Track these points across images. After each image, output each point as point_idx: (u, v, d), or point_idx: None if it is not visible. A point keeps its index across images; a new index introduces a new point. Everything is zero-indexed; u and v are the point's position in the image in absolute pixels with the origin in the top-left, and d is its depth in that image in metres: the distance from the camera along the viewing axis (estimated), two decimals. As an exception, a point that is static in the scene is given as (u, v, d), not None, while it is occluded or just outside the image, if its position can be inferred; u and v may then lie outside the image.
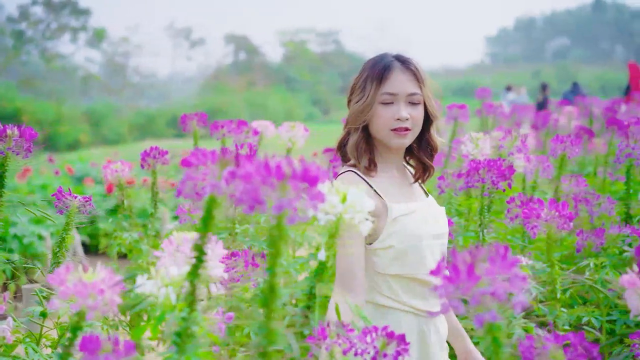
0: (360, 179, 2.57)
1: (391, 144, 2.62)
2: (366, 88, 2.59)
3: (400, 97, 2.57)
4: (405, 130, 2.58)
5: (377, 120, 2.59)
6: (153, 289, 1.71)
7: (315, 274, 1.88)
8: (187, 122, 4.25)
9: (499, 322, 1.43)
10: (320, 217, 1.81)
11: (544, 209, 2.16)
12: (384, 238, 2.52)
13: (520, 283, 1.40)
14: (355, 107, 2.60)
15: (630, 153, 3.73)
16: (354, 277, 2.46)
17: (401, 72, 2.60)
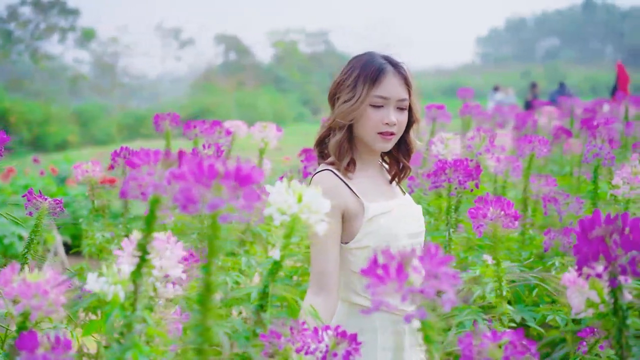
0: (337, 178, 2.59)
1: (375, 147, 2.64)
2: (357, 88, 2.60)
3: (391, 102, 2.60)
4: (391, 135, 2.61)
5: (365, 122, 2.60)
6: (103, 287, 1.73)
7: (269, 273, 1.89)
8: (159, 123, 4.26)
9: (431, 320, 1.46)
10: (275, 217, 1.83)
11: (489, 209, 2.18)
12: (361, 237, 2.55)
13: (450, 281, 1.42)
14: (345, 106, 2.61)
15: (598, 153, 3.76)
16: (328, 276, 2.49)
17: (394, 77, 2.62)
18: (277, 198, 1.81)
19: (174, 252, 1.89)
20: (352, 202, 2.57)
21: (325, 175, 2.60)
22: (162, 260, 1.88)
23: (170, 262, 1.90)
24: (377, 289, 1.41)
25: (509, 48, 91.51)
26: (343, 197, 2.56)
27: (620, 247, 1.60)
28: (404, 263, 1.42)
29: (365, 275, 1.43)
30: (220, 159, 1.51)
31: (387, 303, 1.41)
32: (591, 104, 9.23)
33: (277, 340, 1.86)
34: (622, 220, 1.62)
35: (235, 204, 1.43)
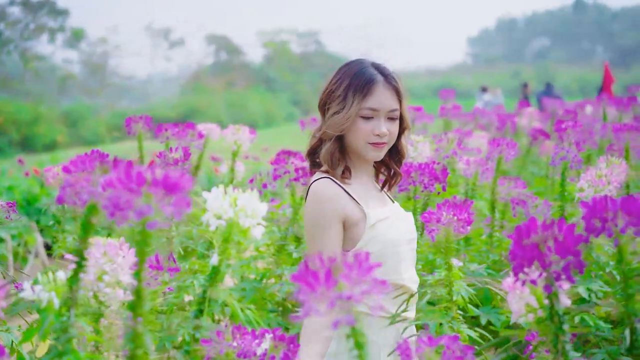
0: (337, 185, 2.58)
1: (367, 157, 2.64)
2: (347, 99, 2.58)
3: (382, 113, 2.58)
4: (382, 144, 2.61)
5: (355, 133, 2.59)
6: (39, 293, 1.73)
7: (209, 278, 1.90)
8: (131, 125, 4.26)
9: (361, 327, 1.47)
10: (211, 222, 1.84)
11: (443, 213, 2.19)
12: (363, 244, 2.54)
13: (378, 287, 1.43)
14: (335, 118, 2.59)
15: (565, 156, 3.78)
16: None
17: (384, 88, 2.60)
18: (213, 203, 1.81)
19: (126, 258, 1.90)
20: (353, 209, 2.56)
21: (325, 183, 2.59)
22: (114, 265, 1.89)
23: (122, 268, 1.90)
24: (307, 296, 1.42)
25: (500, 48, 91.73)
26: (344, 204, 2.55)
27: (555, 253, 1.61)
28: (333, 270, 1.42)
29: (295, 282, 1.44)
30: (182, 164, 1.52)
31: (316, 310, 1.41)
32: (573, 106, 9.26)
33: (218, 345, 1.88)
34: (557, 227, 1.63)
35: (164, 211, 1.43)
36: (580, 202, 1.69)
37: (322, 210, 2.51)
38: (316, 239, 2.52)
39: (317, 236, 2.51)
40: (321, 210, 2.51)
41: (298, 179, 3.60)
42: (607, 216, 1.66)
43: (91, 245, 1.69)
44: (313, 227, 2.53)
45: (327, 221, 2.50)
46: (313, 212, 2.54)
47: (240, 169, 4.65)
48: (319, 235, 2.51)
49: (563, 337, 1.68)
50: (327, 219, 2.50)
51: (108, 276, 1.89)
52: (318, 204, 2.53)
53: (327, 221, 2.50)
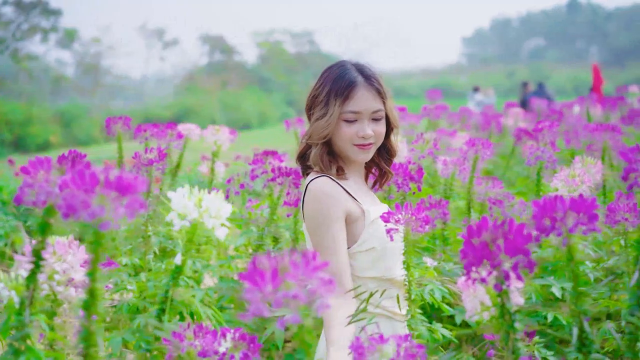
0: (336, 183, 2.59)
1: (355, 159, 2.65)
2: (329, 104, 2.59)
3: (365, 115, 2.59)
4: (369, 145, 2.62)
5: (340, 137, 2.60)
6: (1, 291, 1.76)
7: (172, 277, 1.92)
8: (111, 126, 4.27)
9: (307, 324, 1.49)
10: (175, 222, 1.86)
11: (402, 213, 2.21)
12: (364, 241, 2.56)
13: (324, 287, 1.46)
14: (318, 124, 2.60)
15: (540, 156, 3.81)
16: (344, 277, 2.49)
17: (365, 89, 2.60)
18: (177, 203, 1.83)
19: (77, 256, 1.92)
20: (352, 206, 2.58)
21: (324, 181, 2.59)
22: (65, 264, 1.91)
23: (74, 267, 1.92)
24: (254, 295, 1.44)
25: (495, 48, 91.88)
26: (344, 201, 2.56)
27: (504, 252, 1.63)
28: (280, 269, 1.45)
29: (242, 281, 1.46)
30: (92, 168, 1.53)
31: (262, 309, 1.43)
32: (560, 106, 9.29)
33: (180, 344, 1.90)
34: (508, 226, 1.66)
35: (117, 212, 1.45)
36: (532, 202, 1.72)
37: (326, 208, 2.51)
38: (324, 237, 2.50)
39: (325, 234, 2.50)
40: (325, 207, 2.51)
41: (275, 179, 3.62)
42: (556, 216, 1.68)
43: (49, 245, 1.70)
44: (319, 225, 2.52)
45: (333, 218, 2.50)
46: (317, 210, 2.53)
47: (221, 170, 4.67)
48: (325, 233, 2.50)
49: (514, 334, 1.70)
50: (332, 216, 2.50)
51: (59, 275, 1.91)
52: (321, 202, 2.53)
53: (333, 218, 2.50)
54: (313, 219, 2.55)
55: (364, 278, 2.57)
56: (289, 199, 3.50)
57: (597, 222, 1.67)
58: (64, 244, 1.95)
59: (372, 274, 2.56)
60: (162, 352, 1.88)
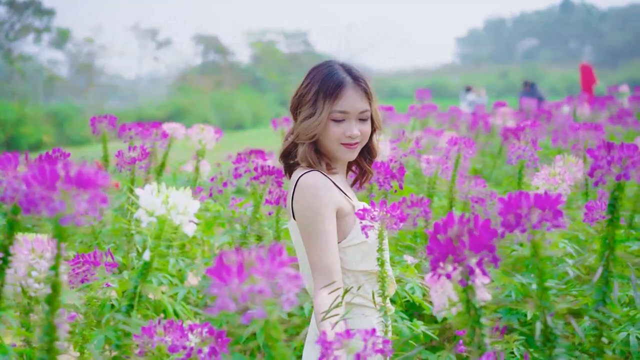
0: (327, 178, 2.62)
1: (342, 158, 2.69)
2: (317, 103, 2.61)
3: (352, 115, 2.62)
4: (355, 144, 2.65)
5: (328, 136, 2.63)
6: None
7: (140, 274, 1.93)
8: (96, 125, 4.28)
9: (274, 320, 1.51)
10: (143, 219, 1.88)
11: (377, 210, 2.23)
12: (355, 235, 2.58)
13: (290, 282, 1.47)
14: (306, 123, 2.62)
15: (521, 155, 3.83)
16: (336, 270, 2.51)
17: (353, 90, 2.63)
18: (145, 200, 1.85)
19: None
20: (343, 201, 2.61)
21: (316, 175, 2.62)
22: (43, 261, 1.93)
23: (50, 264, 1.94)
24: (220, 289, 1.46)
25: (489, 48, 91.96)
26: (337, 196, 2.60)
27: (469, 248, 1.65)
28: (246, 264, 1.46)
29: (209, 276, 1.47)
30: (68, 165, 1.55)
31: (229, 303, 1.45)
32: (548, 106, 9.33)
33: (150, 339, 1.92)
34: (474, 222, 1.68)
35: (77, 207, 1.46)
36: (498, 198, 1.74)
37: (318, 202, 2.53)
38: (316, 230, 2.52)
39: (317, 227, 2.52)
40: (318, 201, 2.52)
41: (257, 178, 3.63)
42: (521, 212, 1.70)
43: (18, 241, 1.72)
44: (311, 219, 2.53)
45: (327, 211, 2.52)
46: (309, 204, 2.55)
47: (206, 169, 4.68)
48: (320, 226, 2.51)
49: (480, 329, 1.72)
50: (327, 210, 2.52)
51: (36, 272, 1.92)
52: (314, 196, 2.55)
53: (327, 211, 2.52)
54: (305, 213, 2.56)
55: (354, 271, 2.60)
56: (270, 197, 3.52)
57: (562, 218, 1.69)
58: (42, 241, 1.96)
59: (362, 268, 2.60)
60: (132, 347, 1.89)
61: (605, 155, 1.83)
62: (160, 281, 3.52)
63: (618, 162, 1.81)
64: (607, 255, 1.83)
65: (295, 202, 2.61)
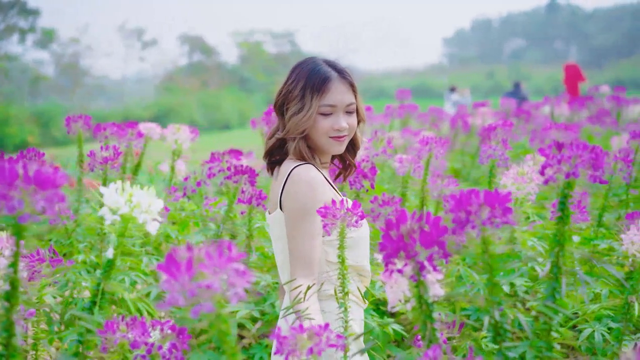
0: (319, 172, 2.65)
1: (331, 151, 2.72)
2: (305, 98, 2.65)
3: (339, 108, 2.67)
4: (343, 137, 2.70)
5: (317, 130, 2.67)
6: None
7: (103, 271, 1.96)
8: (70, 125, 4.29)
9: (223, 314, 1.54)
10: (107, 217, 1.91)
11: (340, 209, 2.27)
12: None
13: (239, 277, 1.50)
14: (296, 119, 2.66)
15: (492, 154, 3.87)
16: (315, 262, 2.56)
17: (339, 83, 2.68)
18: (109, 199, 1.88)
19: (13, 251, 1.96)
20: (334, 196, 2.62)
21: (311, 168, 2.65)
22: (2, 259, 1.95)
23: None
24: (170, 285, 1.49)
25: (475, 49, 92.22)
26: (328, 190, 2.63)
27: (420, 244, 1.69)
28: (195, 260, 1.49)
29: (159, 272, 1.50)
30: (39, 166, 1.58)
31: (178, 298, 1.48)
32: (528, 106, 9.39)
33: (113, 335, 1.95)
34: (425, 219, 1.72)
35: (35, 206, 1.49)
36: (449, 196, 1.77)
37: (314, 195, 2.55)
38: (307, 222, 2.55)
39: (308, 219, 2.55)
40: (313, 195, 2.55)
41: (230, 177, 3.66)
42: (471, 209, 1.74)
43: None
44: (303, 211, 2.56)
45: (317, 204, 2.49)
46: (304, 197, 2.57)
47: (182, 168, 4.70)
48: (309, 218, 2.55)
49: (432, 324, 1.76)
50: (319, 204, 2.51)
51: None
52: (309, 189, 2.57)
53: (317, 204, 2.49)
54: (296, 205, 2.59)
55: (336, 263, 2.63)
56: (243, 196, 3.54)
57: (511, 215, 1.73)
58: (1, 239, 1.98)
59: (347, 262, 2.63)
60: (94, 343, 1.92)
61: (555, 154, 1.87)
62: (134, 280, 3.55)
63: (567, 160, 1.85)
64: (557, 251, 1.87)
65: (285, 192, 2.64)
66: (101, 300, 1.90)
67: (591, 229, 4.09)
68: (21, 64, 38.11)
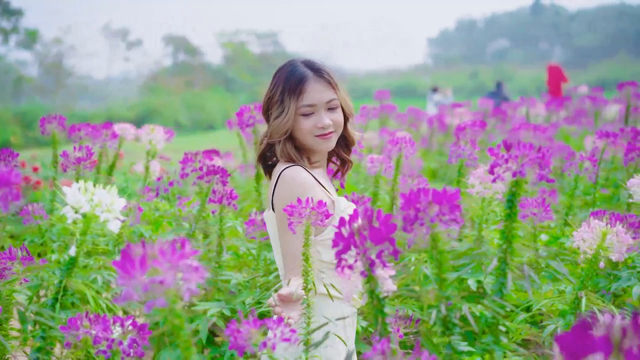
0: (308, 173, 2.70)
1: (320, 149, 2.77)
2: (284, 102, 2.71)
3: (320, 106, 2.72)
4: (329, 134, 2.74)
5: (301, 131, 2.72)
6: None
7: (65, 269, 2.01)
8: (45, 126, 4.32)
9: (176, 309, 1.59)
10: (68, 215, 1.95)
11: (306, 207, 2.32)
12: (331, 230, 2.65)
13: (192, 273, 1.56)
14: (277, 122, 2.72)
15: (460, 154, 3.94)
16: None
17: (315, 82, 2.73)
18: (71, 198, 1.93)
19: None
20: (323, 196, 2.68)
21: (299, 170, 2.69)
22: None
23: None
24: (124, 281, 1.54)
25: (460, 49, 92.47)
26: (317, 191, 2.67)
27: (370, 240, 1.75)
28: (148, 256, 1.54)
29: (114, 268, 1.56)
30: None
31: (133, 294, 1.53)
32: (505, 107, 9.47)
33: (76, 332, 1.99)
34: (376, 216, 1.77)
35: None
36: (400, 194, 1.83)
37: (304, 195, 2.51)
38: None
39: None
40: (303, 195, 2.52)
41: (202, 177, 3.71)
42: (419, 207, 1.80)
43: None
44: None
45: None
46: (294, 197, 2.54)
47: (156, 168, 4.74)
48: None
49: (383, 318, 1.81)
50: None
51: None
52: (299, 189, 2.61)
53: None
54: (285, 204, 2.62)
55: (330, 264, 2.67)
56: (214, 196, 3.59)
57: (459, 212, 1.79)
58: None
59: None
60: (57, 339, 1.96)
61: (503, 154, 1.93)
62: (107, 279, 3.59)
63: (515, 159, 1.91)
64: (505, 248, 1.93)
65: (275, 193, 2.70)
66: (63, 297, 1.95)
67: (558, 228, 4.17)
68: (4, 64, 37.93)
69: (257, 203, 4.14)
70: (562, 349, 1.10)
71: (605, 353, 1.07)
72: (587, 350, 1.08)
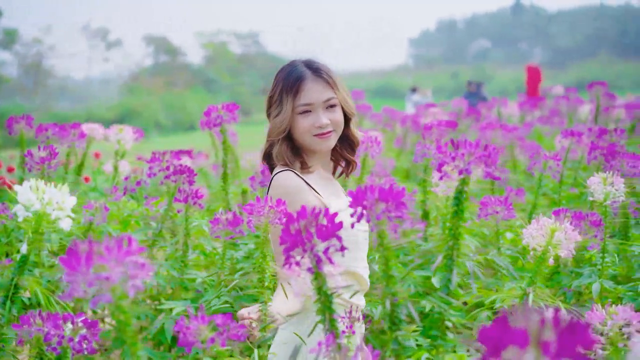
0: (299, 177, 2.70)
1: (318, 149, 2.76)
2: (282, 101, 2.72)
3: (317, 105, 2.71)
4: (328, 133, 2.73)
5: (299, 130, 2.72)
6: None
7: (17, 266, 2.02)
8: (13, 126, 4.32)
9: (122, 305, 1.61)
10: (19, 213, 1.97)
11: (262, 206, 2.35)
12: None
13: (138, 270, 1.58)
14: (276, 121, 2.73)
15: (426, 153, 3.97)
16: None
17: (313, 81, 2.72)
18: (22, 196, 1.94)
19: None
20: (314, 200, 2.68)
21: (287, 175, 2.69)
22: None
23: None
24: (71, 277, 1.56)
25: (441, 49, 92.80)
26: (306, 195, 2.66)
27: (317, 237, 1.78)
28: (95, 253, 1.56)
29: (60, 264, 1.57)
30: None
31: (79, 290, 1.55)
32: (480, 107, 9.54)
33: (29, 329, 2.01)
34: (324, 214, 1.80)
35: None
36: (348, 192, 1.86)
37: (293, 201, 2.56)
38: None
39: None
40: (291, 201, 2.54)
41: (169, 177, 3.72)
42: (366, 204, 1.83)
43: None
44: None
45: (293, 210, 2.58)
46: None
47: (126, 168, 4.74)
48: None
49: (330, 314, 1.84)
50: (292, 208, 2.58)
51: None
52: (287, 195, 2.59)
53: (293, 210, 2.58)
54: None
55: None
56: (180, 196, 3.60)
57: (405, 210, 1.82)
58: None
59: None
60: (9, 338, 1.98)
61: (450, 152, 1.97)
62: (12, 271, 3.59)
63: (461, 158, 1.95)
64: (452, 245, 1.96)
65: (268, 197, 2.71)
66: (14, 295, 1.96)
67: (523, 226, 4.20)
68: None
69: (224, 202, 4.16)
70: (482, 341, 1.14)
71: (521, 345, 1.10)
72: (506, 342, 1.12)
